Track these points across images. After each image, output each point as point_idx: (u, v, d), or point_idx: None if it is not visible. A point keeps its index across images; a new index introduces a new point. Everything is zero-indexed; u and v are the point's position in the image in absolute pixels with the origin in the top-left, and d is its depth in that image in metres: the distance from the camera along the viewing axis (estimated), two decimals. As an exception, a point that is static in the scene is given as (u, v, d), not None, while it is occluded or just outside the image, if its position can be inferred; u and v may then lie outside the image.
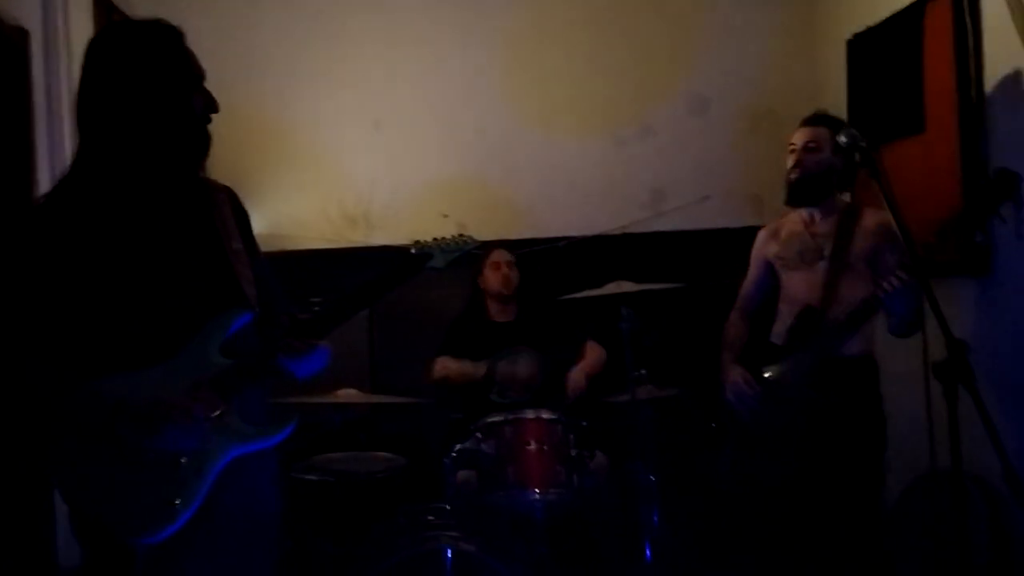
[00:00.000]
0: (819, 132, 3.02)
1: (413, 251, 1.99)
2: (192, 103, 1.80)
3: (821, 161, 3.00)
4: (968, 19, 3.28)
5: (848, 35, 4.03)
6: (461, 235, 2.04)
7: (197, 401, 1.77)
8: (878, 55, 3.85)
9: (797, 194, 3.05)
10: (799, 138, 3.05)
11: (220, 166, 2.01)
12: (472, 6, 4.46)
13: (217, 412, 1.80)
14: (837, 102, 4.07)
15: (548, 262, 4.20)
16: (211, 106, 1.86)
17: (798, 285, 3.07)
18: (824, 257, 3.00)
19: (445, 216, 4.33)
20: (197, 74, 1.84)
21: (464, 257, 2.03)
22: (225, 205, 1.95)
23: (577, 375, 3.64)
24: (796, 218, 3.13)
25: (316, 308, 1.95)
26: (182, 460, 1.76)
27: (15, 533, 2.95)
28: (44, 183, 3.15)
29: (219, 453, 1.79)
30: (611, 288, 3.47)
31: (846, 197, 3.23)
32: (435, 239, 2.01)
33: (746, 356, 3.15)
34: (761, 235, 3.27)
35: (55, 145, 3.23)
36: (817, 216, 3.06)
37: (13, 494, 2.93)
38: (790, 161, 3.05)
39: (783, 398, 2.97)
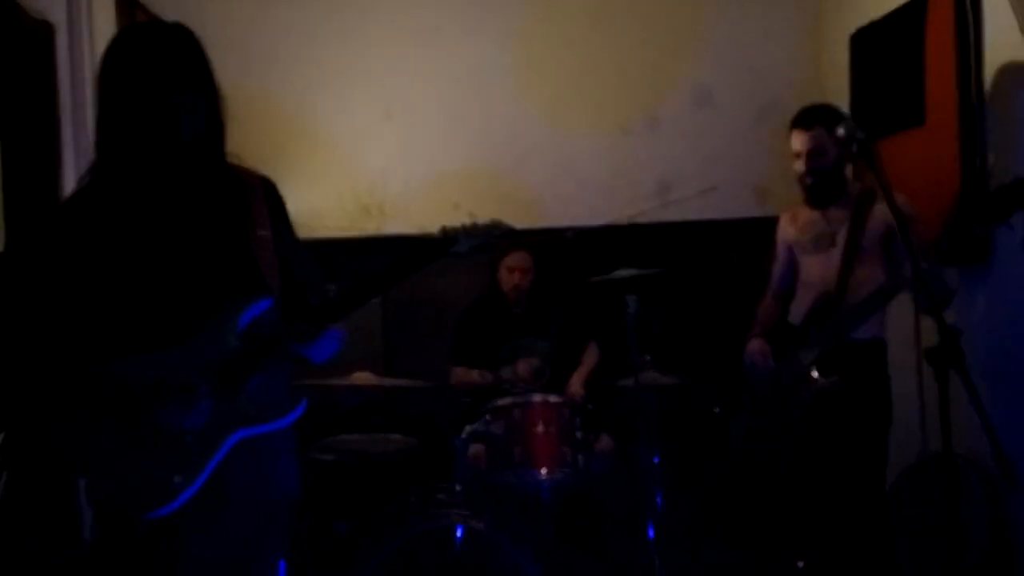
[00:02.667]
0: (818, 134, 3.04)
1: (438, 235, 1.98)
2: (170, 101, 1.80)
3: (828, 161, 3.06)
4: (970, 14, 3.33)
5: (852, 30, 4.07)
6: (493, 220, 2.02)
7: (199, 380, 1.82)
8: (880, 49, 3.89)
9: (818, 197, 3.13)
10: (801, 143, 3.08)
11: (236, 155, 2.03)
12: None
13: (223, 393, 1.84)
14: (840, 95, 4.13)
15: (556, 251, 4.27)
16: (189, 107, 1.83)
17: (814, 269, 3.16)
18: (837, 243, 3.09)
19: (456, 206, 4.42)
20: (181, 75, 1.82)
21: (486, 243, 2.02)
22: (258, 193, 1.97)
23: (576, 385, 3.76)
24: None
25: (331, 292, 1.99)
26: (186, 439, 1.81)
27: (40, 509, 3.04)
28: (69, 173, 3.23)
29: (224, 434, 1.83)
30: (617, 273, 3.53)
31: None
32: (463, 224, 2.00)
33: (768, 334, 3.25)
34: (782, 219, 3.35)
35: (80, 136, 3.30)
36: (833, 205, 3.13)
37: (38, 471, 3.02)
38: (799, 166, 3.10)
39: (794, 378, 3.06)
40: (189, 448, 1.80)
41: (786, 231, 3.31)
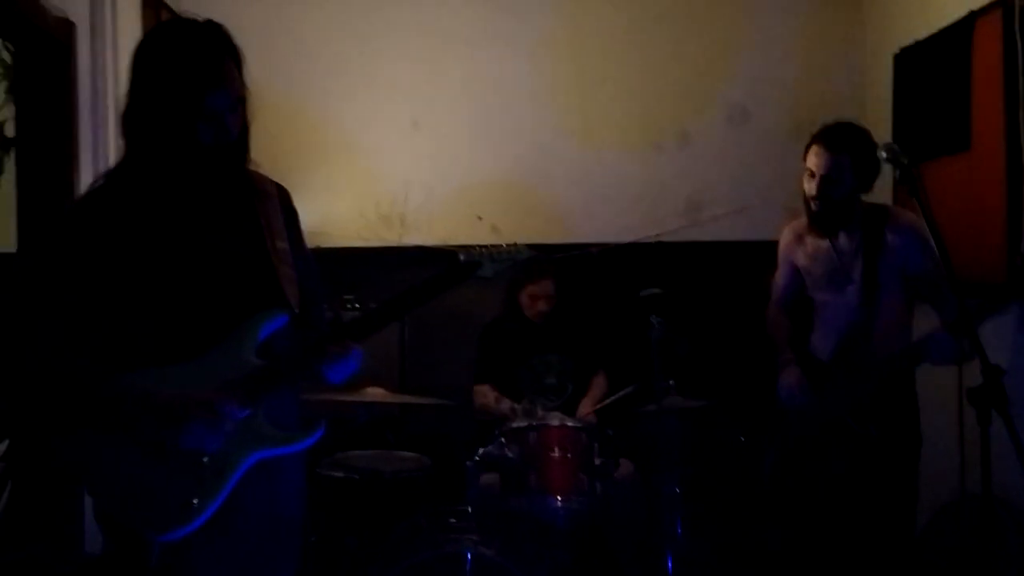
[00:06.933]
0: (842, 161, 2.83)
1: (462, 258, 1.91)
2: (206, 102, 1.74)
3: (843, 189, 2.85)
4: (1018, 35, 3.21)
5: (895, 49, 3.97)
6: (514, 244, 1.96)
7: (223, 401, 1.75)
8: (925, 70, 3.79)
9: (823, 224, 2.95)
10: (818, 164, 2.86)
11: (259, 161, 1.98)
12: (514, 10, 4.44)
13: (244, 414, 1.78)
14: (881, 116, 4.02)
15: (581, 268, 4.17)
16: (230, 106, 1.78)
17: (831, 307, 3.00)
18: (854, 280, 2.92)
19: (479, 218, 4.34)
20: (215, 74, 1.76)
21: (511, 268, 1.96)
22: (274, 202, 1.93)
23: (586, 408, 3.65)
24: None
25: (352, 308, 1.92)
26: (204, 460, 1.75)
27: (43, 520, 2.99)
28: (86, 176, 3.19)
29: (242, 455, 1.78)
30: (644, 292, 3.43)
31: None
32: (485, 246, 1.93)
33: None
34: (787, 235, 3.17)
35: (98, 141, 3.27)
36: (842, 232, 2.96)
37: (42, 481, 2.97)
38: (809, 187, 2.89)
39: (827, 419, 2.93)
40: (206, 469, 1.75)
41: (793, 253, 3.13)
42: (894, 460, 2.88)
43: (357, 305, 3.30)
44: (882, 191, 3.27)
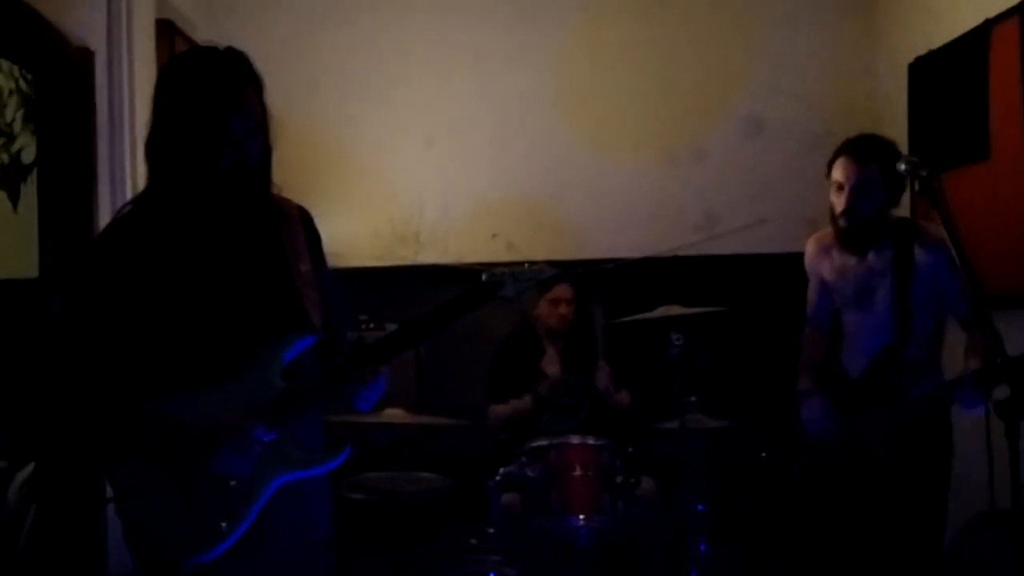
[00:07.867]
0: (871, 172, 2.69)
1: (485, 278, 1.92)
2: (227, 128, 1.77)
3: (873, 203, 2.73)
4: (1036, 43, 3.21)
5: (910, 58, 3.96)
6: (536, 263, 1.98)
7: (253, 425, 1.77)
8: (941, 79, 3.77)
9: (852, 242, 2.82)
10: (846, 175, 2.74)
11: (273, 181, 1.98)
12: (525, 26, 4.46)
13: (271, 437, 1.79)
14: (897, 126, 3.99)
15: (597, 284, 4.15)
16: (250, 131, 1.81)
17: (860, 325, 2.89)
18: (884, 300, 2.81)
19: (494, 235, 4.33)
20: (236, 100, 1.79)
21: (533, 287, 1.97)
22: (297, 225, 1.95)
23: (622, 394, 3.64)
24: None
25: (365, 330, 1.92)
26: (232, 483, 1.77)
27: (67, 543, 3.00)
28: (105, 202, 3.21)
29: (270, 478, 1.79)
30: (660, 312, 3.42)
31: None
32: (508, 266, 1.95)
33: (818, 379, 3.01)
34: (811, 246, 3.04)
35: (115, 167, 3.28)
36: (871, 250, 2.85)
37: (66, 504, 2.98)
38: (839, 203, 2.76)
39: (854, 446, 2.84)
40: (234, 492, 1.77)
41: (820, 266, 3.00)
42: (922, 483, 2.79)
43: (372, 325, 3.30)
44: (901, 203, 3.24)
